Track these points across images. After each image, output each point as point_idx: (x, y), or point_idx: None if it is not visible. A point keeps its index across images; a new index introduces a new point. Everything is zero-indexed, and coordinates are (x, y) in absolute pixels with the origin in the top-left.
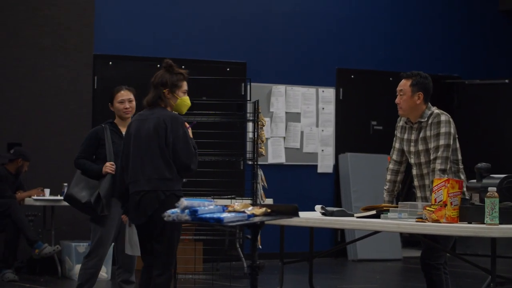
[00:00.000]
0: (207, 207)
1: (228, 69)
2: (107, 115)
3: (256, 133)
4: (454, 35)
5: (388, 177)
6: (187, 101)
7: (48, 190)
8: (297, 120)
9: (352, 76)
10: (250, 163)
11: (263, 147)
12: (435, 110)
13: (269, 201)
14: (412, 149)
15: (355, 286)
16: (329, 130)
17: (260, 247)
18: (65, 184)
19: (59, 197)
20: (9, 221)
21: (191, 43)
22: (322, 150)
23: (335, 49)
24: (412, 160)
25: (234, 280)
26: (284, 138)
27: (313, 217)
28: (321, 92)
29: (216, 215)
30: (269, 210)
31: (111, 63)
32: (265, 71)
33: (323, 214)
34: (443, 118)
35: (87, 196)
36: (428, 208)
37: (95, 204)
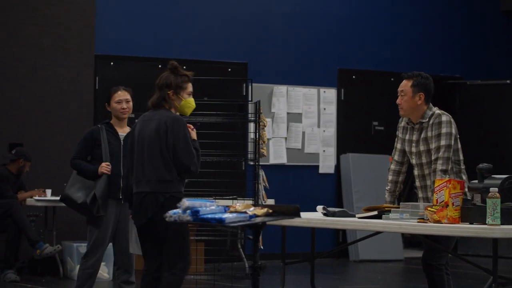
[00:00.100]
0: (209, 207)
1: (229, 69)
2: (108, 115)
3: (257, 133)
4: (455, 36)
5: (390, 177)
6: (191, 103)
7: (50, 191)
8: (298, 120)
9: (354, 77)
10: (251, 163)
11: (264, 148)
12: (436, 110)
13: (270, 201)
14: (413, 149)
15: (356, 287)
16: (330, 131)
17: (261, 247)
18: (66, 184)
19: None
20: (10, 222)
21: (192, 44)
22: (324, 151)
23: (337, 49)
24: (413, 161)
25: (236, 280)
26: (286, 138)
27: (314, 217)
28: (322, 93)
29: (217, 215)
30: (270, 211)
31: (112, 63)
32: (266, 72)
33: (325, 214)
34: (444, 118)
35: (83, 196)
36: (429, 208)
37: (90, 204)
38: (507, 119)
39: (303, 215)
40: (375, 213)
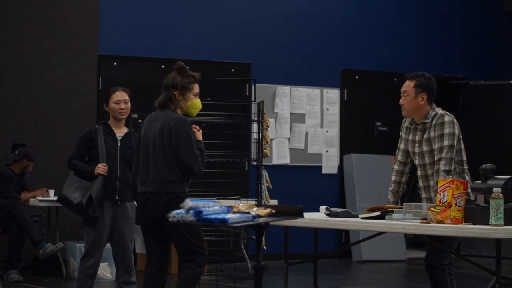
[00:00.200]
0: (212, 208)
1: (232, 70)
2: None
3: (260, 134)
4: (459, 36)
5: (393, 178)
6: (198, 103)
7: (53, 191)
8: (301, 121)
9: (357, 77)
10: (254, 164)
11: (267, 148)
12: (439, 111)
13: (273, 202)
14: (416, 150)
15: (359, 287)
16: (333, 131)
17: (264, 248)
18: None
19: None
20: (13, 222)
21: (195, 44)
22: (327, 151)
23: (340, 50)
24: (416, 161)
25: (239, 281)
26: (289, 139)
27: (317, 218)
28: (325, 93)
29: (221, 216)
30: (273, 211)
31: (115, 63)
32: (269, 72)
33: (328, 215)
34: (446, 119)
35: (79, 197)
36: (432, 209)
37: (86, 205)
38: (510, 119)
39: (306, 215)
40: (378, 213)
